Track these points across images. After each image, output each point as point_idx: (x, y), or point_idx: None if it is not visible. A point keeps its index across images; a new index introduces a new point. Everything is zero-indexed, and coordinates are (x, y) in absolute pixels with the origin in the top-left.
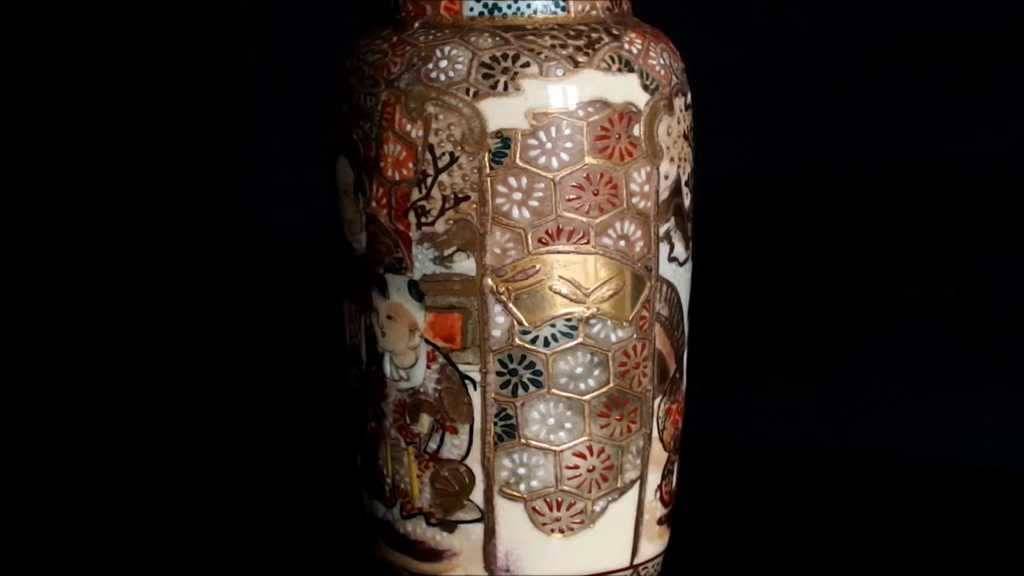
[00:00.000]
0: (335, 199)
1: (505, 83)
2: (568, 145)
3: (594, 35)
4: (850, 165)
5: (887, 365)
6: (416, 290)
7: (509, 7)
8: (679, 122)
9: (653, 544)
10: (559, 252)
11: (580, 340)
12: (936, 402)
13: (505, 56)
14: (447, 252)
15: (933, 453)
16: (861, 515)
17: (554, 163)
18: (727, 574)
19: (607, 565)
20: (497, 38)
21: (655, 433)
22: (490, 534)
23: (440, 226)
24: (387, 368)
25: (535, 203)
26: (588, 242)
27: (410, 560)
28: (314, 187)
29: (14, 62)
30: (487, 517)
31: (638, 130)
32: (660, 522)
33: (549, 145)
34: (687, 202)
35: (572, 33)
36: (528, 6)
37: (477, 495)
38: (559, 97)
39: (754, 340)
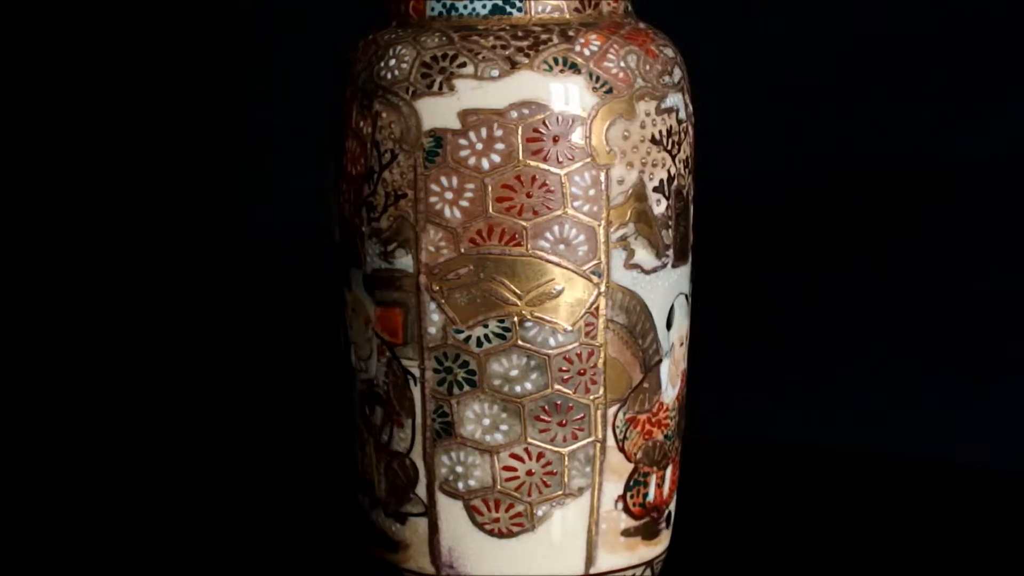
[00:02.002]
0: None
1: (440, 83)
2: (499, 146)
3: (544, 36)
4: (850, 165)
5: (887, 365)
6: (367, 284)
7: (465, 7)
8: (643, 126)
9: (618, 556)
10: (491, 253)
11: (514, 342)
12: (936, 402)
13: (445, 56)
14: (389, 248)
15: (933, 453)
16: (861, 515)
17: (484, 164)
18: (727, 574)
19: (552, 571)
20: (444, 38)
21: (611, 443)
22: (434, 529)
23: (384, 222)
24: (352, 359)
25: (465, 203)
26: (521, 244)
27: (378, 548)
28: (315, 187)
29: (14, 62)
30: (430, 512)
31: (581, 133)
32: (629, 534)
33: (479, 146)
34: (659, 209)
35: (521, 34)
36: (483, 6)
37: (421, 489)
38: (490, 98)
39: (754, 340)
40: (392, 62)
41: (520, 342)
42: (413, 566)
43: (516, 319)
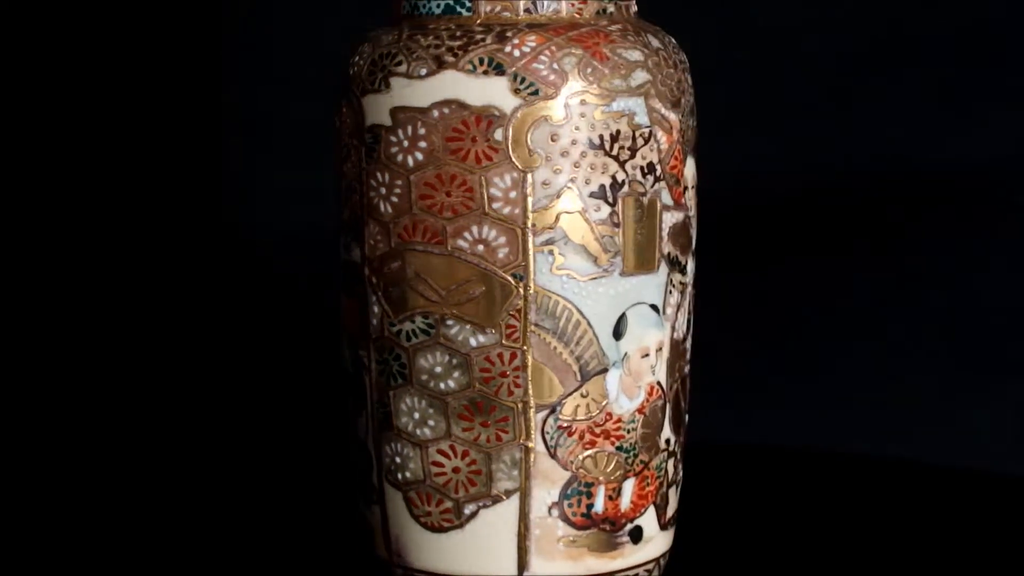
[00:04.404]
0: None
1: (380, 80)
2: (422, 144)
3: (479, 36)
4: (850, 165)
5: (886, 365)
6: (340, 274)
7: (424, 7)
8: (577, 129)
9: (556, 564)
10: (415, 249)
11: (437, 339)
12: (936, 402)
13: (389, 55)
14: (347, 240)
15: (933, 453)
16: (861, 515)
17: (410, 161)
18: (728, 574)
19: (483, 570)
20: (395, 36)
21: (541, 448)
22: (384, 517)
23: (345, 214)
24: (342, 347)
25: (395, 199)
26: (443, 242)
27: (358, 533)
28: (315, 187)
29: (14, 62)
30: (381, 500)
31: (500, 134)
32: (570, 543)
33: (406, 143)
34: (598, 215)
35: (459, 34)
36: (437, 6)
37: (375, 477)
38: (417, 96)
39: (754, 340)
40: (357, 59)
41: (442, 339)
42: (378, 552)
43: (438, 316)
